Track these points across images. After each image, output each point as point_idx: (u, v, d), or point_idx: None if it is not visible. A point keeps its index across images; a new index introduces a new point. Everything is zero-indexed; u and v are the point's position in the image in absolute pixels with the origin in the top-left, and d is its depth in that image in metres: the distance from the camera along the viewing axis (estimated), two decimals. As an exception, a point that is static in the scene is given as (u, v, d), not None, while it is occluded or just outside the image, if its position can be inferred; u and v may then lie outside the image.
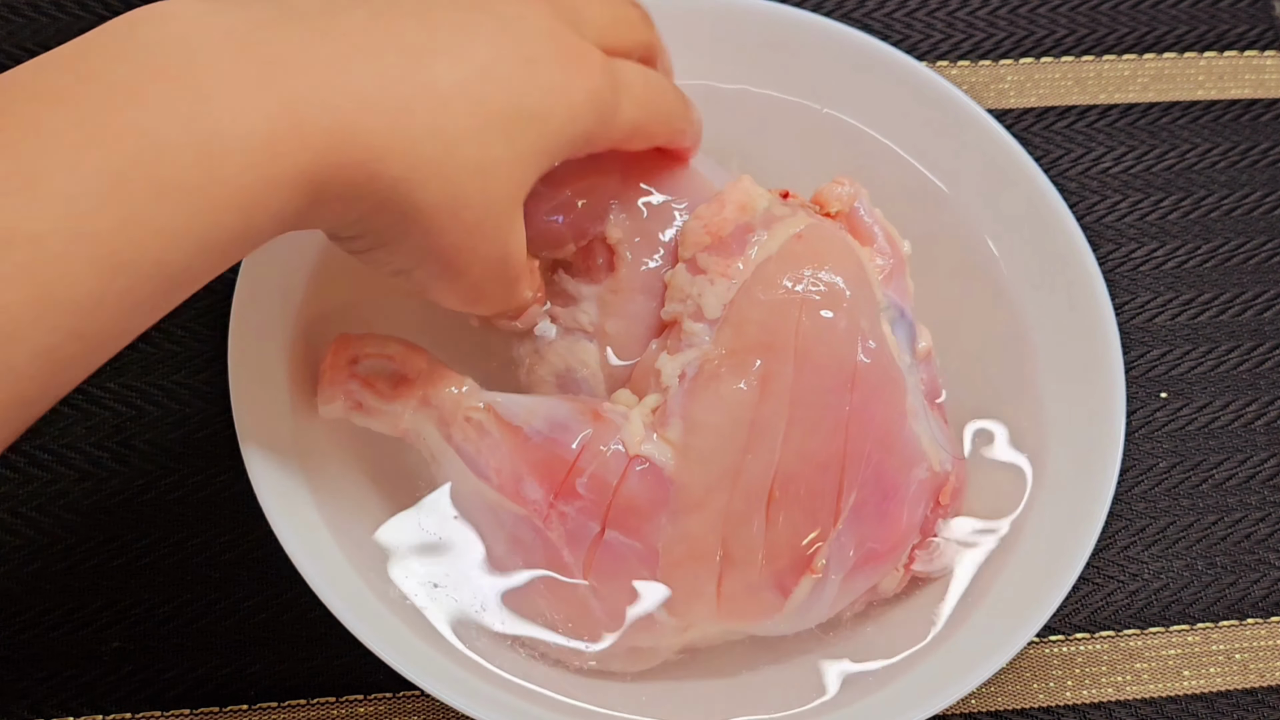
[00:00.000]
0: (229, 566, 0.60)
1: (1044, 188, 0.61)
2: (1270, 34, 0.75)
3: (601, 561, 0.53)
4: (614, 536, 0.53)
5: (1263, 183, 0.71)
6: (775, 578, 0.53)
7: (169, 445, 0.62)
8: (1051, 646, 0.61)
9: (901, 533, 0.55)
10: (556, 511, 0.53)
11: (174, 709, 0.58)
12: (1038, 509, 0.57)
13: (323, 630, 0.59)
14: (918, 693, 0.53)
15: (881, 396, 0.54)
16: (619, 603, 0.53)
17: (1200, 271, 0.69)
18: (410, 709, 0.58)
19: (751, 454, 0.53)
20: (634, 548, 0.53)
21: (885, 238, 0.57)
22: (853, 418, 0.53)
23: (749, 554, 0.53)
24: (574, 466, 0.52)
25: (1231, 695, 0.61)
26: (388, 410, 0.54)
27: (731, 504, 0.53)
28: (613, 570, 0.53)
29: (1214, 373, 0.67)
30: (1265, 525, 0.64)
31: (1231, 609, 0.62)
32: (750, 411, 0.53)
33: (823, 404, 0.53)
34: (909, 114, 0.63)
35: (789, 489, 0.53)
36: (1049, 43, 0.74)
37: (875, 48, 0.64)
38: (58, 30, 0.70)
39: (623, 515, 0.52)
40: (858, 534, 0.54)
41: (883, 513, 0.54)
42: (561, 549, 0.53)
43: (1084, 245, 0.60)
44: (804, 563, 0.53)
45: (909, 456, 0.54)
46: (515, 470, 0.53)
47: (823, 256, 0.54)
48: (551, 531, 0.53)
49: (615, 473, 0.52)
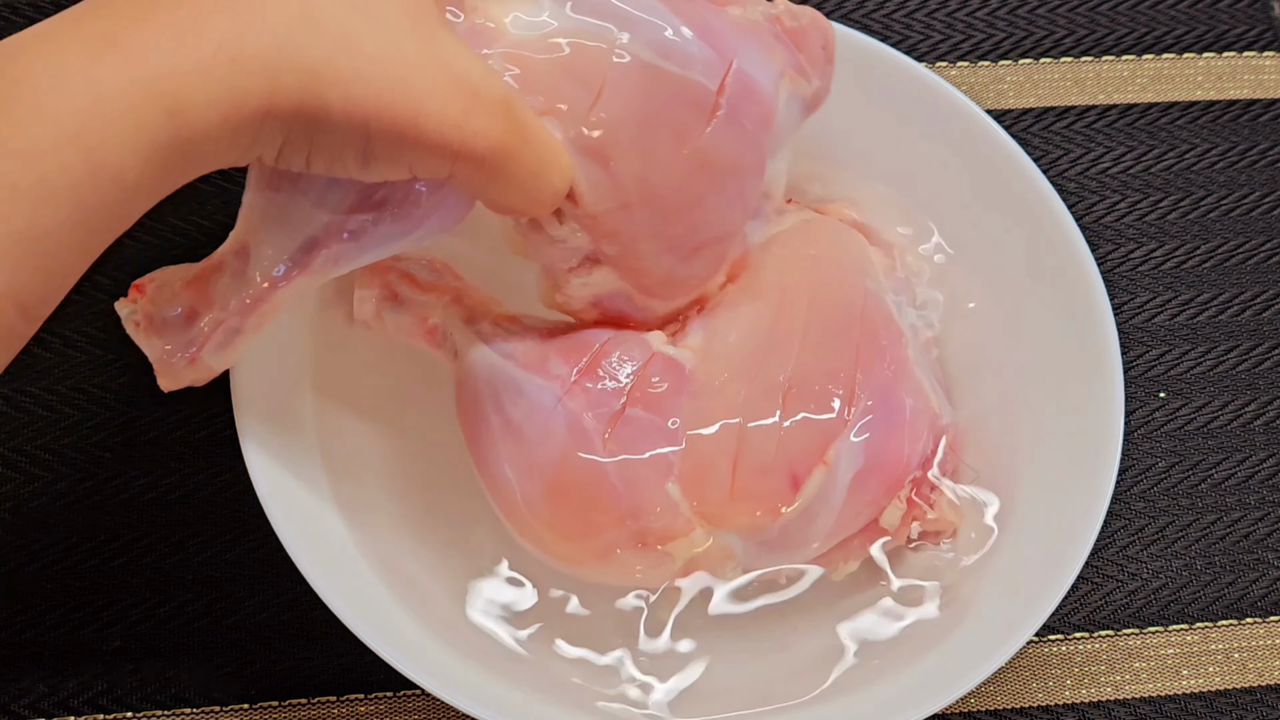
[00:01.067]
0: (230, 566, 0.60)
1: (1043, 188, 0.61)
2: (1269, 34, 0.75)
3: (621, 432, 0.54)
4: (635, 412, 0.54)
5: (1261, 183, 0.72)
6: (788, 464, 0.54)
7: (169, 445, 0.62)
8: (1050, 646, 0.61)
9: (905, 453, 0.56)
10: (580, 386, 0.54)
11: (175, 708, 0.58)
12: (1037, 509, 0.57)
13: (323, 629, 0.59)
14: (918, 692, 0.53)
15: (887, 334, 0.57)
16: (635, 474, 0.54)
17: (1199, 271, 0.69)
18: (411, 708, 0.58)
19: (769, 357, 0.55)
20: (654, 421, 0.54)
21: (889, 247, 0.61)
22: (861, 344, 0.56)
23: (765, 438, 0.54)
24: (600, 350, 0.55)
25: (1230, 694, 0.61)
26: (421, 301, 0.56)
27: (749, 394, 0.55)
28: (631, 440, 0.54)
29: (1213, 372, 0.67)
30: (1263, 525, 0.64)
31: (1230, 608, 0.62)
32: (768, 327, 0.56)
33: (834, 328, 0.56)
34: (908, 115, 0.64)
35: (804, 387, 0.55)
36: (1048, 43, 0.74)
37: (875, 48, 0.64)
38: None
39: (644, 394, 0.54)
40: (866, 439, 0.55)
41: (890, 425, 0.56)
42: (582, 414, 0.53)
43: (1083, 245, 0.60)
44: (816, 454, 0.54)
45: (912, 386, 0.57)
46: (542, 352, 0.55)
47: (832, 232, 0.60)
48: (574, 402, 0.54)
49: (639, 359, 0.55)
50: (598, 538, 0.54)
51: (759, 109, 0.55)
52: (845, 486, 0.55)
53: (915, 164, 0.64)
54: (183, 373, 0.51)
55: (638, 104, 0.52)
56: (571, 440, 0.53)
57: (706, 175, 0.54)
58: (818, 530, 0.55)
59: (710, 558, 0.55)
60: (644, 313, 0.57)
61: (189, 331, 0.51)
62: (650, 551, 0.54)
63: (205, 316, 0.50)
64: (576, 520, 0.54)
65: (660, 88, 0.52)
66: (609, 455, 0.53)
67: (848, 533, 0.56)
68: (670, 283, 0.56)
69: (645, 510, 0.53)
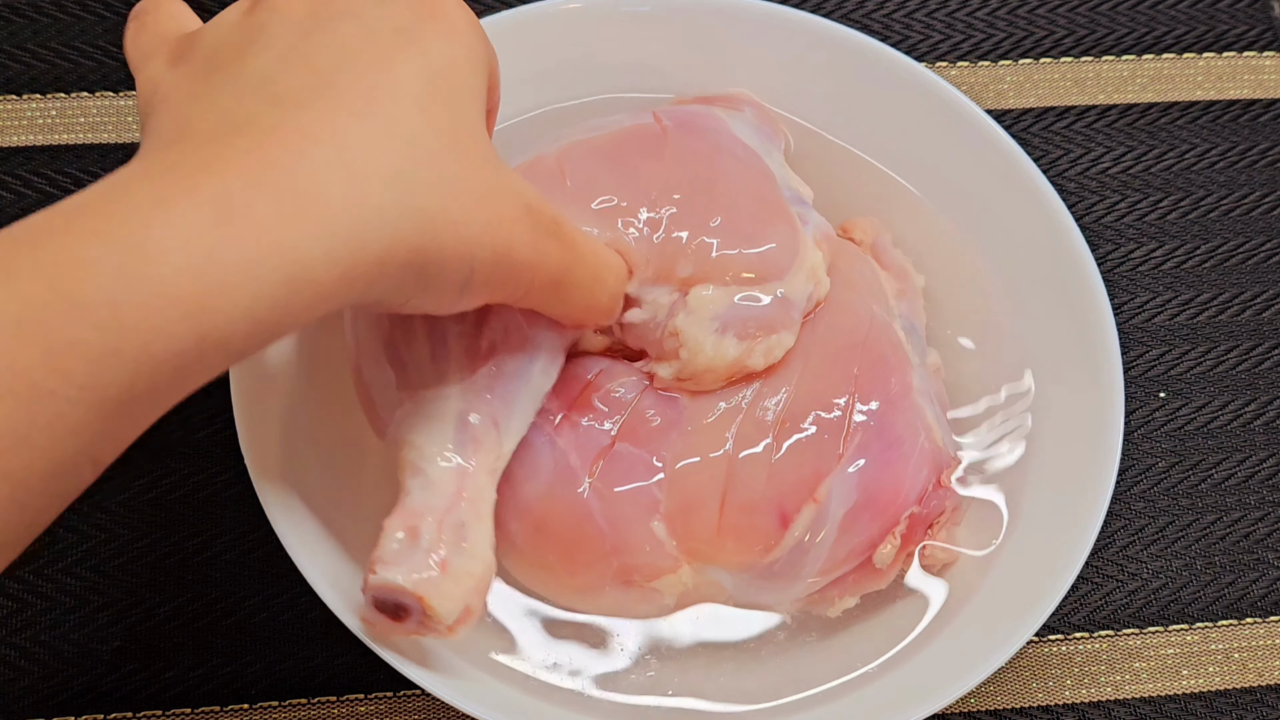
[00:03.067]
0: (229, 566, 0.60)
1: (1043, 188, 0.61)
2: (1269, 34, 0.75)
3: (607, 468, 0.53)
4: (623, 448, 0.54)
5: (1262, 183, 0.72)
6: (778, 501, 0.54)
7: (169, 445, 0.62)
8: (1050, 645, 0.61)
9: (902, 489, 0.55)
10: (569, 421, 0.54)
11: (174, 708, 0.58)
12: (1037, 509, 0.57)
13: (323, 629, 0.59)
14: (918, 691, 0.53)
15: (889, 364, 0.56)
16: (620, 513, 0.53)
17: (1199, 271, 0.69)
18: (411, 708, 0.58)
19: (764, 386, 0.55)
20: (641, 457, 0.54)
21: (900, 271, 0.61)
22: (861, 374, 0.55)
23: (754, 473, 0.54)
24: (591, 383, 0.54)
25: (1230, 694, 0.61)
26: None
27: (741, 425, 0.54)
28: (617, 478, 0.53)
29: (1213, 372, 0.67)
30: (1263, 525, 0.64)
31: (1230, 608, 0.62)
32: None
33: (834, 356, 0.56)
34: (907, 115, 0.64)
35: (798, 421, 0.54)
36: (1048, 43, 0.74)
37: (875, 49, 0.64)
38: (59, 30, 0.70)
39: (634, 429, 0.54)
40: (860, 474, 0.54)
41: (885, 460, 0.55)
42: (569, 453, 0.53)
43: (1083, 245, 0.60)
44: (807, 490, 0.54)
45: (912, 419, 0.56)
46: None
47: (842, 255, 0.59)
48: (561, 439, 0.53)
49: (632, 391, 0.54)
50: (583, 575, 0.54)
51: (703, 121, 0.58)
52: (837, 524, 0.54)
53: (915, 164, 0.64)
54: (444, 587, 0.48)
55: (602, 152, 0.55)
56: (557, 478, 0.53)
57: (706, 168, 0.56)
58: (808, 568, 0.55)
59: (700, 593, 0.55)
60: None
61: (414, 552, 0.48)
62: (637, 589, 0.54)
63: (423, 535, 0.48)
64: (561, 559, 0.54)
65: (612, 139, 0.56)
66: (594, 494, 0.53)
67: (842, 570, 0.55)
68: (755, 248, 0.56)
69: (630, 548, 0.53)
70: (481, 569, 0.48)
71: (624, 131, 0.58)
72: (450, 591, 0.47)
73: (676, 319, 0.54)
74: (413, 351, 0.51)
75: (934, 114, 0.63)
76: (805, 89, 0.64)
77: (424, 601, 0.47)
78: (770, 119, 0.63)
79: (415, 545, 0.48)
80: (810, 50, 0.64)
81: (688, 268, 0.54)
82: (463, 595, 0.48)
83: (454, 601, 0.48)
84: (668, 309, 0.54)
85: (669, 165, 0.56)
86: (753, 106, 0.62)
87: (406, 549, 0.48)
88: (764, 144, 0.60)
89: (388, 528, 0.48)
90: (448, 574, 0.47)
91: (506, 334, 0.51)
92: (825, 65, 0.64)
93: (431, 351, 0.51)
